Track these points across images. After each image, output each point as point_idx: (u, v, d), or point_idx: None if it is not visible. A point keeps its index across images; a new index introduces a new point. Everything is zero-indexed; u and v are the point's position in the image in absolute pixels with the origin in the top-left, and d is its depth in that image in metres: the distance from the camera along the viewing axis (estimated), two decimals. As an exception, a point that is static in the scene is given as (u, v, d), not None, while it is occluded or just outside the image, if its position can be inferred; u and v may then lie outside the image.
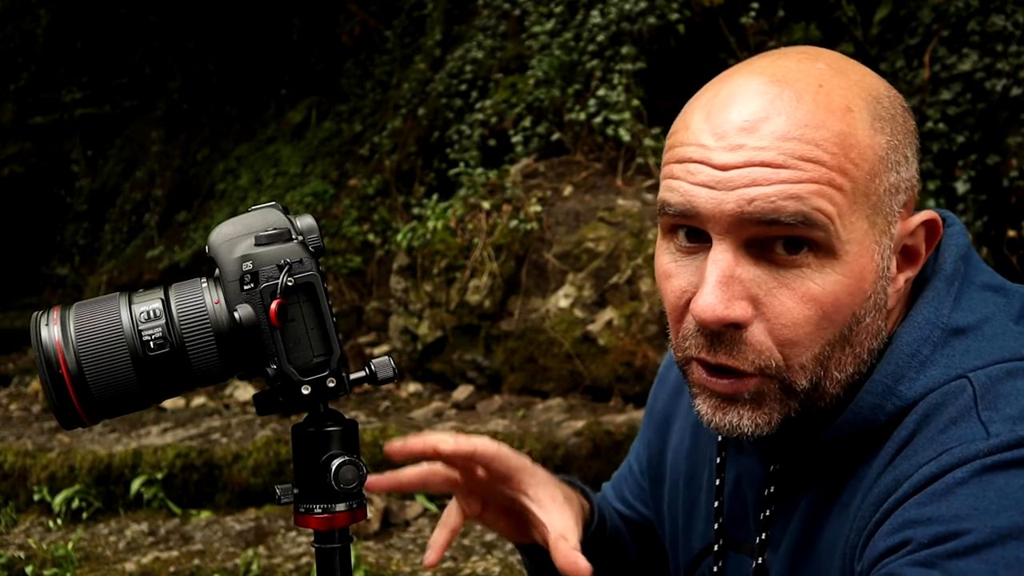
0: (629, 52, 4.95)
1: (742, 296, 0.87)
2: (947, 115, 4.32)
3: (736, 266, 0.87)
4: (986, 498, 0.80)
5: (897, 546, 0.82)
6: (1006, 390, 0.86)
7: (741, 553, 1.07)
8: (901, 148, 0.90)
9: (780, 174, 0.85)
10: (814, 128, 0.85)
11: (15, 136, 9.04)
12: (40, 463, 4.35)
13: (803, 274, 0.87)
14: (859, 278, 0.88)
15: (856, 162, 0.86)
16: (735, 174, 0.86)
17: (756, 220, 0.85)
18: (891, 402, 0.90)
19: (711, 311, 0.87)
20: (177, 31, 8.61)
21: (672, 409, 1.24)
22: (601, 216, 4.67)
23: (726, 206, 0.86)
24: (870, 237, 0.88)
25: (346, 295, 5.93)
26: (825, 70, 0.90)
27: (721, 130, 0.88)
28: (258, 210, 0.97)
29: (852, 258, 0.87)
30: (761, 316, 0.88)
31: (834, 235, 0.85)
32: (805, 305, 0.87)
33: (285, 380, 0.94)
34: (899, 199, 0.90)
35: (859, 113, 0.87)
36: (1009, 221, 4.23)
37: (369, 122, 6.90)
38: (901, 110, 0.92)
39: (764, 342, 0.88)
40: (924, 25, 4.57)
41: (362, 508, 0.98)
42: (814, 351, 0.88)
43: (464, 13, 6.45)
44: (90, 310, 0.93)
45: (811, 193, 0.84)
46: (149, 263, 7.25)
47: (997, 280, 0.97)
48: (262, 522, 3.93)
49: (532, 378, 4.65)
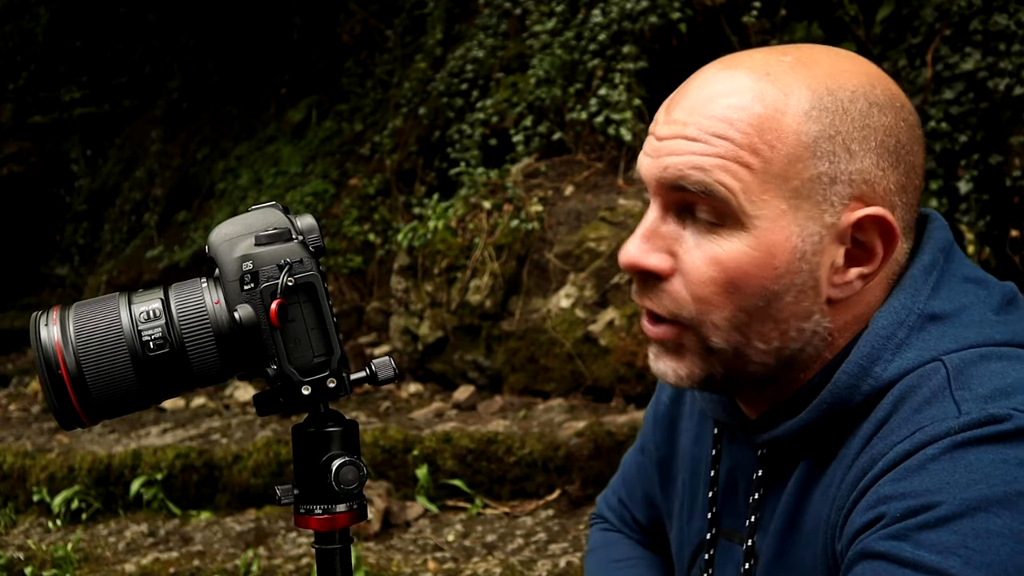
0: (631, 51, 4.94)
1: (661, 249, 0.97)
2: (949, 114, 4.31)
3: (661, 223, 0.98)
4: (957, 472, 0.83)
5: (871, 522, 0.85)
6: (979, 372, 0.90)
7: (732, 540, 1.09)
8: (840, 139, 0.92)
9: (692, 146, 0.94)
10: (734, 109, 0.93)
11: (14, 135, 9.04)
12: (39, 464, 4.34)
13: (714, 240, 0.94)
14: (768, 253, 0.93)
15: (772, 144, 0.91)
16: (663, 144, 0.97)
17: (668, 185, 0.96)
18: (866, 383, 0.93)
19: (627, 256, 0.98)
20: (177, 30, 8.61)
21: (676, 411, 1.26)
22: (602, 216, 4.66)
23: (652, 170, 0.97)
24: (787, 218, 0.93)
25: (347, 295, 5.92)
26: (789, 61, 0.95)
27: (669, 107, 0.98)
28: (258, 210, 0.97)
29: (761, 233, 0.93)
30: (680, 272, 0.96)
31: (738, 208, 0.92)
32: (711, 267, 0.94)
33: (285, 380, 0.94)
34: (836, 189, 0.93)
35: (795, 101, 0.92)
36: (1012, 221, 4.23)
37: (370, 121, 6.89)
38: (865, 106, 0.94)
39: (681, 293, 0.96)
40: (926, 24, 4.56)
41: (363, 509, 0.97)
42: (725, 313, 0.95)
43: (465, 12, 6.45)
44: (89, 310, 0.93)
45: (714, 167, 0.92)
46: (149, 263, 7.24)
47: (979, 274, 1.00)
48: (262, 523, 3.92)
49: (533, 378, 4.64)
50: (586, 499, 3.91)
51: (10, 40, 9.40)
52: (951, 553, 0.80)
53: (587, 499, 3.91)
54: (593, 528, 1.41)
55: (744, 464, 1.08)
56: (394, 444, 4.07)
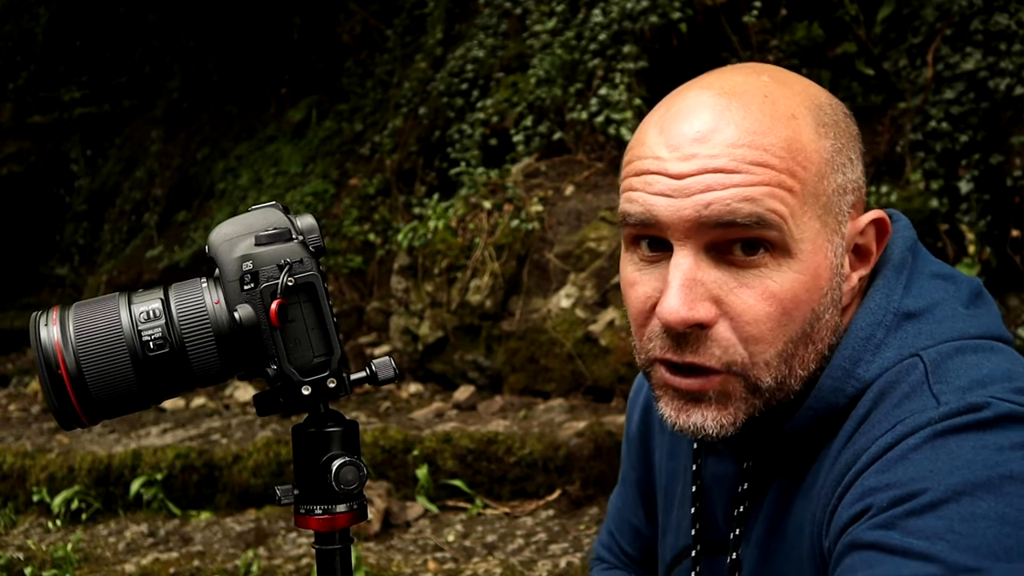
0: (631, 51, 4.94)
1: (705, 298, 0.92)
2: (950, 114, 4.31)
3: (698, 270, 0.92)
4: (939, 460, 0.85)
5: (858, 514, 0.86)
6: (955, 364, 0.92)
7: (715, 555, 1.09)
8: (845, 151, 0.95)
9: (733, 179, 0.90)
10: (762, 135, 0.91)
11: (14, 135, 9.03)
12: (39, 464, 4.34)
13: (762, 274, 0.92)
14: (815, 275, 0.92)
15: (804, 164, 0.91)
16: (690, 182, 0.91)
17: (713, 223, 0.90)
18: (850, 384, 0.95)
19: (676, 313, 0.91)
20: (177, 30, 8.61)
21: (647, 429, 1.27)
22: (603, 216, 4.66)
23: (684, 212, 0.91)
24: (823, 236, 0.93)
25: (347, 295, 5.91)
26: (769, 82, 0.96)
27: (675, 142, 0.93)
28: (258, 210, 0.98)
29: (807, 256, 0.92)
30: (724, 316, 0.92)
31: (788, 234, 0.91)
32: (766, 302, 0.92)
33: (285, 380, 0.94)
34: (847, 199, 0.95)
35: (803, 119, 0.93)
36: (1013, 221, 4.22)
37: (370, 121, 6.89)
38: (843, 116, 0.97)
39: (730, 339, 0.92)
40: (927, 24, 4.55)
41: (363, 509, 0.97)
42: (777, 347, 0.93)
43: (465, 12, 6.44)
44: (89, 310, 0.93)
45: (764, 195, 0.90)
46: (149, 263, 7.24)
47: (946, 269, 1.03)
48: (262, 523, 3.92)
49: (533, 378, 4.64)
50: (586, 499, 3.90)
51: (10, 40, 9.40)
52: (939, 538, 0.81)
53: (587, 499, 3.90)
54: (592, 571, 1.41)
55: (725, 477, 1.07)
56: (394, 444, 4.07)
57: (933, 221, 4.23)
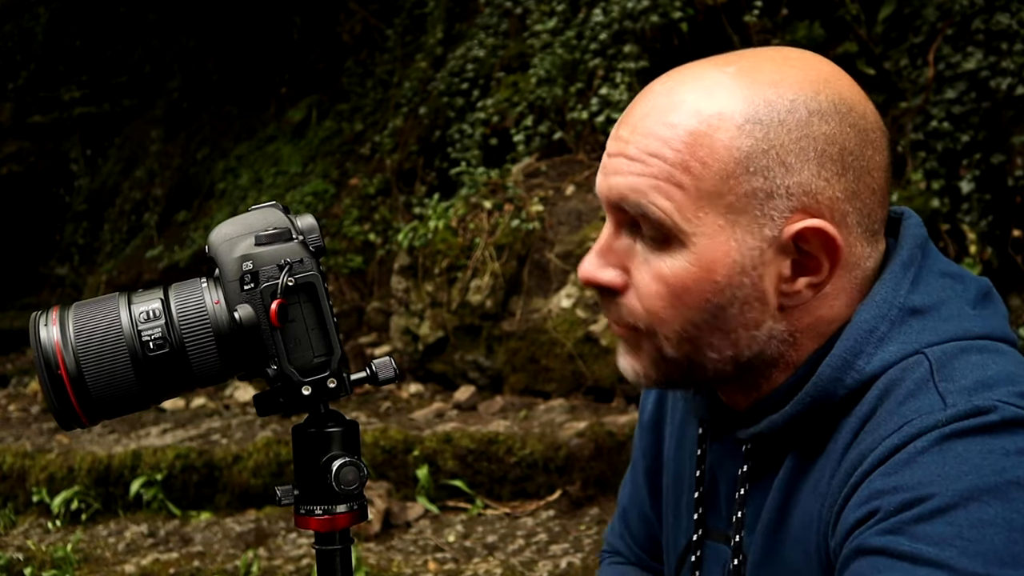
0: (632, 51, 4.94)
1: (615, 264, 0.99)
2: (951, 114, 4.31)
3: (614, 239, 0.99)
4: (947, 464, 0.85)
5: (865, 517, 0.86)
6: (960, 364, 0.92)
7: (718, 541, 1.09)
8: (775, 154, 0.91)
9: (631, 166, 0.95)
10: (668, 126, 0.93)
11: (14, 135, 9.03)
12: (39, 464, 4.34)
13: (659, 256, 0.96)
14: (707, 269, 0.94)
15: (704, 161, 0.92)
16: (610, 162, 0.98)
17: (613, 205, 0.98)
18: (850, 376, 0.95)
19: (583, 272, 1.01)
20: (177, 29, 8.60)
21: (660, 416, 1.27)
22: (603, 216, 4.65)
23: (601, 188, 1.00)
24: (725, 233, 0.93)
25: (347, 295, 5.91)
26: (731, 72, 0.95)
27: (619, 123, 0.99)
28: (258, 209, 0.98)
29: (700, 249, 0.94)
30: (632, 285, 0.99)
31: (674, 227, 0.93)
32: (657, 283, 0.96)
33: (285, 381, 0.94)
34: (775, 204, 0.92)
35: (730, 115, 0.92)
36: (1014, 221, 4.22)
37: (370, 121, 6.89)
38: (803, 116, 0.92)
39: (635, 306, 0.98)
40: (928, 23, 4.55)
41: (363, 509, 0.97)
42: (675, 326, 0.97)
43: (465, 11, 6.44)
44: (89, 310, 0.93)
45: (649, 188, 0.93)
46: (149, 263, 7.24)
47: (955, 269, 1.03)
48: (262, 523, 3.91)
49: (534, 379, 4.64)
50: (587, 499, 3.90)
51: (10, 40, 9.40)
52: (948, 544, 0.81)
53: (588, 499, 3.90)
54: (602, 564, 1.40)
55: (728, 461, 1.08)
56: (394, 444, 4.06)
57: (934, 221, 4.22)
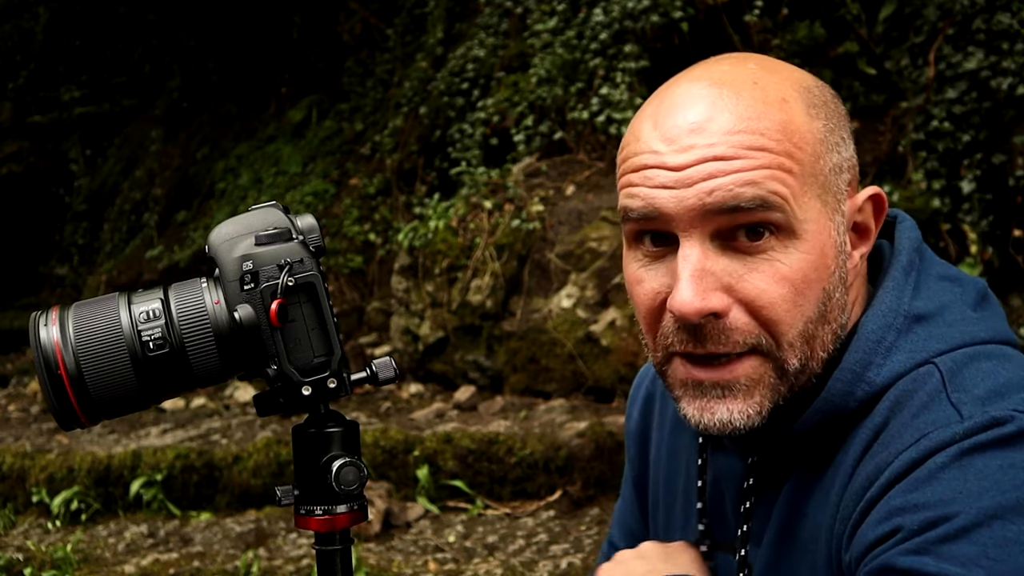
0: (632, 50, 4.93)
1: (716, 287, 0.92)
2: (952, 114, 4.31)
3: (706, 259, 0.92)
4: (968, 481, 0.84)
5: (887, 535, 0.85)
6: (971, 372, 0.91)
7: (723, 552, 1.08)
8: (837, 131, 0.96)
9: (733, 164, 0.90)
10: (756, 120, 0.91)
11: (14, 135, 9.04)
12: (39, 464, 4.33)
13: (769, 257, 0.92)
14: (821, 254, 0.93)
15: (800, 146, 0.92)
16: (691, 171, 0.91)
17: (718, 210, 0.91)
18: (861, 388, 0.94)
19: (690, 305, 0.91)
20: (176, 29, 8.60)
21: (645, 424, 1.26)
22: (604, 215, 4.65)
23: (687, 202, 0.91)
24: (824, 215, 0.93)
25: (347, 295, 5.91)
26: (756, 69, 0.96)
27: (671, 135, 0.93)
28: (258, 209, 0.97)
29: (811, 236, 0.92)
30: (738, 303, 0.92)
31: (792, 215, 0.91)
32: (778, 285, 0.92)
33: (286, 381, 0.94)
34: (844, 178, 0.96)
35: (794, 103, 0.94)
36: (1015, 220, 4.22)
37: (370, 121, 6.89)
38: (831, 97, 0.98)
39: (748, 323, 0.92)
40: (929, 23, 4.55)
41: (363, 510, 0.97)
42: (798, 328, 0.93)
43: (466, 11, 6.44)
44: (89, 310, 0.93)
45: (765, 178, 0.90)
46: (148, 263, 7.24)
47: (952, 271, 1.03)
48: (262, 524, 3.91)
49: (534, 379, 4.63)
50: (587, 500, 3.90)
51: (10, 40, 9.40)
52: (974, 564, 0.80)
53: (588, 500, 3.90)
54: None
55: (731, 473, 1.06)
56: (395, 445, 4.06)
57: (935, 221, 4.22)
